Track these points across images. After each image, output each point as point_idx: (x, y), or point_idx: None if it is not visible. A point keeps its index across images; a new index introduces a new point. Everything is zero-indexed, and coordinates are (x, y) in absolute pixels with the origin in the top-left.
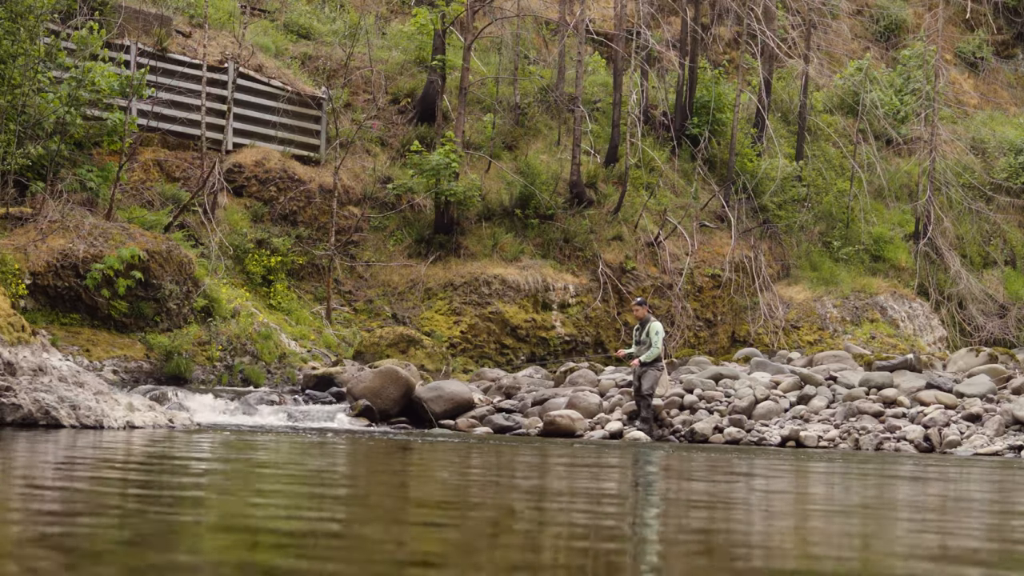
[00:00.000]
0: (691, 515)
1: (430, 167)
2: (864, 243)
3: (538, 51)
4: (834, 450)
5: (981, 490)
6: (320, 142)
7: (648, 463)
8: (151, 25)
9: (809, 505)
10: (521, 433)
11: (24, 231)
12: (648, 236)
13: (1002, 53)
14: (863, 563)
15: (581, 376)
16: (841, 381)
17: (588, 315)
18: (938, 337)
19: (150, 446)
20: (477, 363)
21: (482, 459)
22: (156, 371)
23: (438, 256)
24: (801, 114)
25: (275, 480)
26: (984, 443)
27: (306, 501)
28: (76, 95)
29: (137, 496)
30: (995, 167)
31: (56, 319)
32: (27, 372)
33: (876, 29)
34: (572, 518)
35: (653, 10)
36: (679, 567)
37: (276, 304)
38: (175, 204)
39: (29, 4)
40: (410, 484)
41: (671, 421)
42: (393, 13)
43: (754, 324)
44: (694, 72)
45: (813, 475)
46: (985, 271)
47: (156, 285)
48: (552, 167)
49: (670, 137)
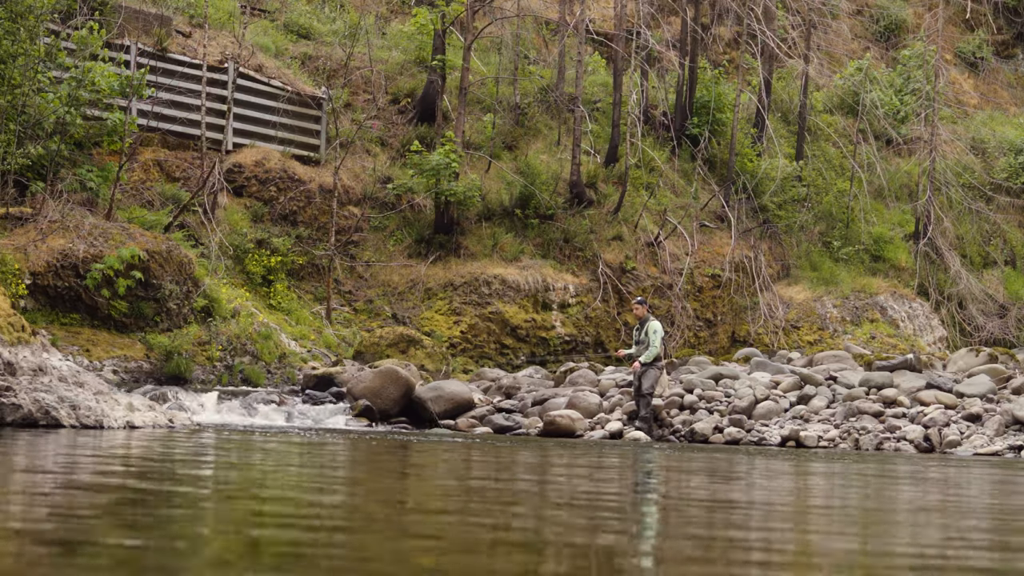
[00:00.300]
0: (691, 524)
1: (430, 167)
2: (864, 243)
3: (538, 51)
4: (834, 450)
5: (982, 493)
6: (320, 142)
7: (647, 470)
8: (151, 25)
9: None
10: (521, 433)
11: (24, 231)
12: (648, 236)
13: (1002, 53)
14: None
15: (581, 376)
16: (841, 381)
17: (588, 315)
18: (938, 337)
19: (149, 447)
20: (477, 363)
21: (482, 460)
22: (156, 371)
23: (438, 256)
24: (801, 114)
25: (275, 484)
26: (984, 443)
27: (305, 508)
28: (76, 95)
29: (132, 501)
30: (995, 167)
31: (56, 319)
32: (27, 372)
33: (876, 29)
34: (571, 522)
35: (653, 10)
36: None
37: (276, 304)
38: (175, 204)
39: (29, 4)
40: (409, 489)
41: (671, 421)
42: (393, 13)
43: (754, 324)
44: (694, 72)
45: (814, 477)
46: (985, 271)
47: (156, 285)
48: (552, 167)
49: (670, 137)
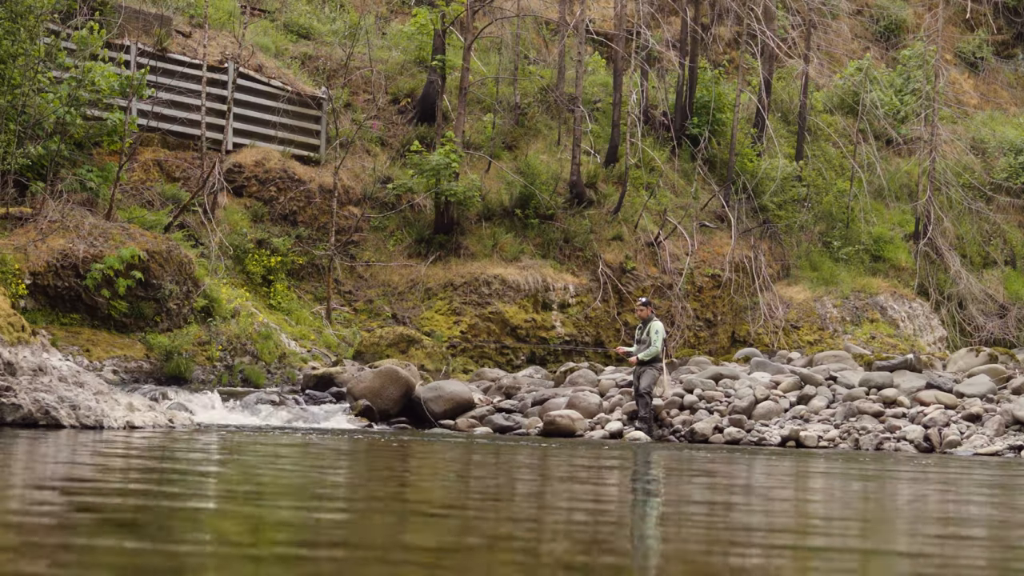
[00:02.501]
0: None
1: (430, 167)
2: (864, 243)
3: (538, 51)
4: (834, 450)
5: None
6: (320, 142)
7: (647, 472)
8: (151, 25)
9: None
10: (521, 433)
11: (24, 231)
12: (648, 236)
13: (1002, 53)
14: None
15: (581, 376)
16: (841, 381)
17: (588, 315)
18: (938, 337)
19: (148, 448)
20: (477, 363)
21: (482, 461)
22: (156, 371)
23: (438, 256)
24: (801, 114)
25: (275, 487)
26: (984, 443)
27: (304, 514)
28: (76, 95)
29: (133, 505)
30: (995, 167)
31: (56, 319)
32: (27, 372)
33: (876, 29)
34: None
35: (653, 10)
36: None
37: (276, 304)
38: (175, 204)
39: (29, 4)
40: (408, 493)
41: (671, 421)
42: (393, 13)
43: (754, 324)
44: (694, 72)
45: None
46: (985, 271)
47: (156, 285)
48: (552, 167)
49: (670, 137)
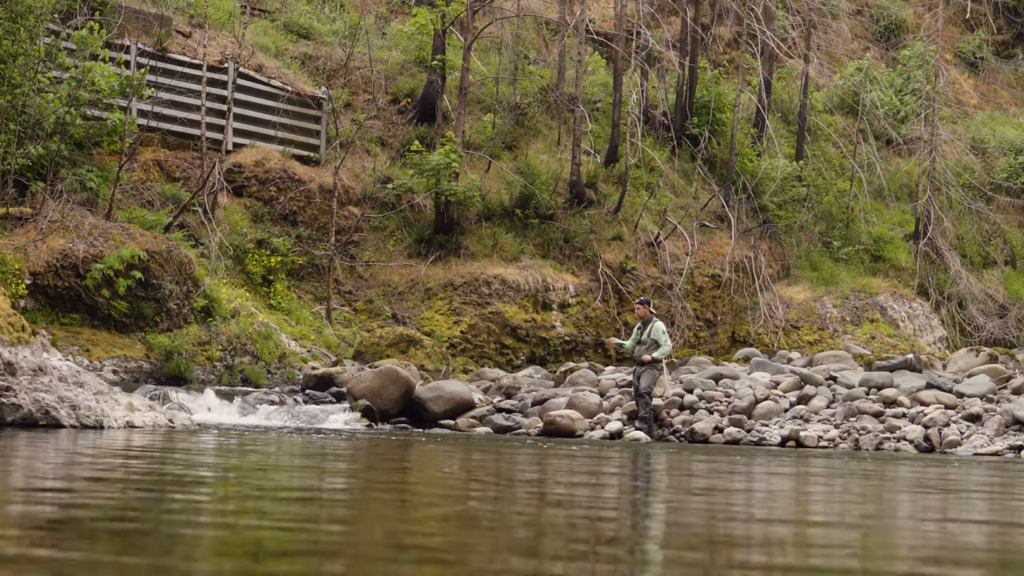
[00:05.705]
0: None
1: (430, 167)
2: (864, 243)
3: (538, 51)
4: (834, 450)
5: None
6: (320, 142)
7: (647, 472)
8: (151, 25)
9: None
10: (521, 433)
11: (24, 231)
12: (648, 236)
13: (1002, 53)
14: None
15: (581, 376)
16: (841, 381)
17: (588, 315)
18: (938, 337)
19: (148, 448)
20: (477, 363)
21: (482, 461)
22: (156, 371)
23: (438, 256)
24: (801, 114)
25: (275, 489)
26: (984, 443)
27: (304, 519)
28: (76, 95)
29: (134, 509)
30: (995, 167)
31: (56, 319)
32: (27, 372)
33: (876, 29)
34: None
35: (653, 10)
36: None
37: (276, 304)
38: (175, 204)
39: (29, 4)
40: (409, 495)
41: (671, 421)
42: (393, 13)
43: (754, 324)
44: (694, 72)
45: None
46: (985, 271)
47: (156, 285)
48: (552, 167)
49: (670, 137)
